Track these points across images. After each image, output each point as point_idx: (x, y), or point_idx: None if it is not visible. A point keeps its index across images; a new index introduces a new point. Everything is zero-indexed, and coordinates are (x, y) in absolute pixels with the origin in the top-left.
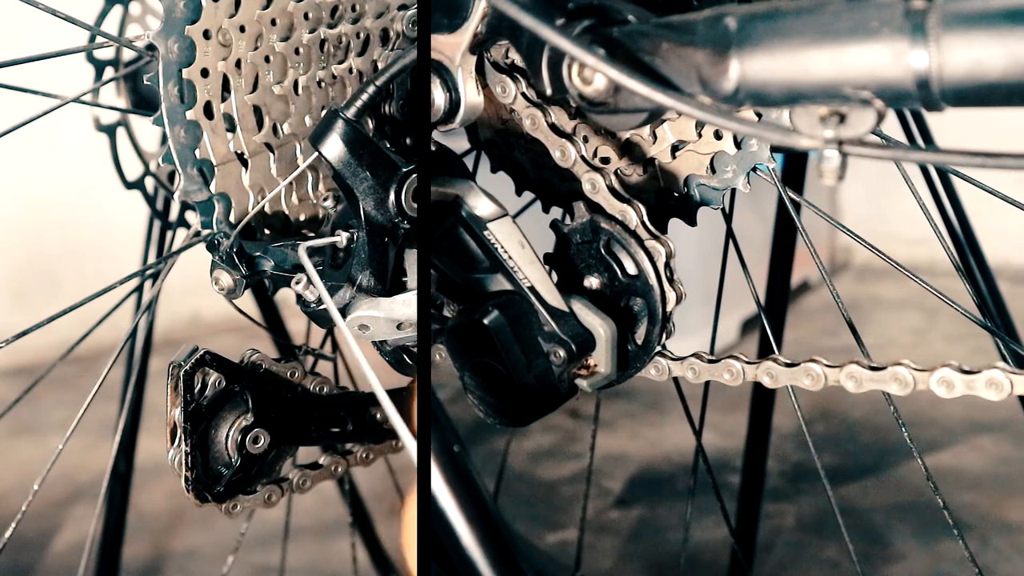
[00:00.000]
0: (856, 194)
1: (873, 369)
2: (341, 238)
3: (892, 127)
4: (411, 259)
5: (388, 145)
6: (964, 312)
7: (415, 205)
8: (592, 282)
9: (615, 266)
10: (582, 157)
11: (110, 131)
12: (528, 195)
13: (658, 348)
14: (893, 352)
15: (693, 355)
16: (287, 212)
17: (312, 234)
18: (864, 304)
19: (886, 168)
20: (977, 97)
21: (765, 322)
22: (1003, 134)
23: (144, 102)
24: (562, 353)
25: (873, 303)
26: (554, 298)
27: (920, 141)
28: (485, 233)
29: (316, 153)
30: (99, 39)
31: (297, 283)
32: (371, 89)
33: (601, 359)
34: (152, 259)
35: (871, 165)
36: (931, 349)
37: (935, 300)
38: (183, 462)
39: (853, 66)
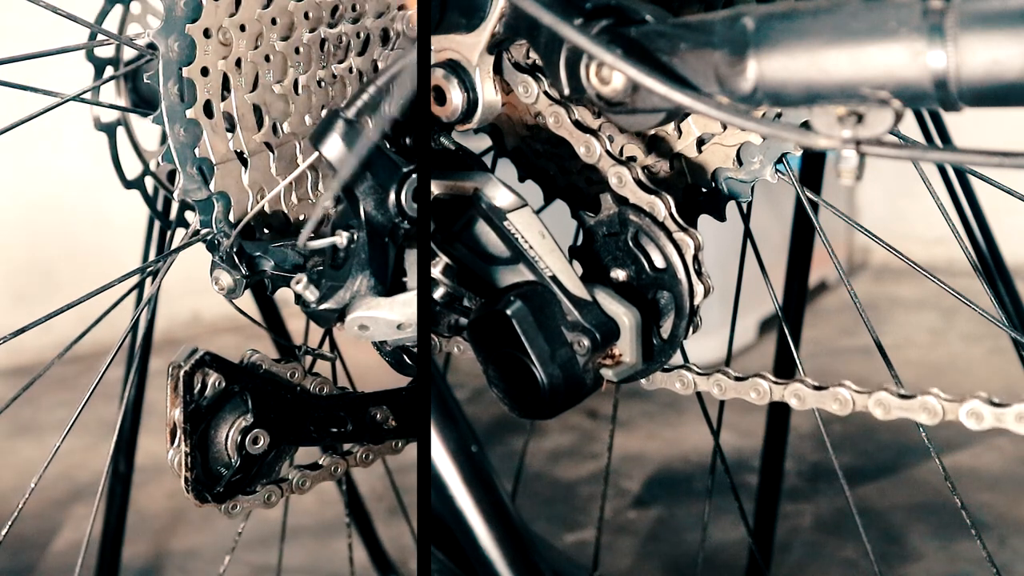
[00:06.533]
0: (874, 194)
1: (902, 397)
2: (341, 238)
3: (910, 127)
4: (411, 259)
5: (388, 145)
6: (982, 312)
7: (415, 205)
8: (619, 275)
9: (642, 259)
10: (607, 151)
11: (110, 130)
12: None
13: (684, 346)
14: (911, 352)
15: (718, 371)
16: (287, 212)
17: (312, 234)
18: (882, 304)
19: (904, 168)
20: (995, 97)
21: (783, 322)
22: (1021, 134)
23: (144, 102)
24: (586, 342)
25: (891, 303)
26: (576, 287)
27: (938, 141)
28: (505, 224)
29: (316, 153)
30: (100, 37)
31: (297, 283)
32: (371, 89)
33: (626, 348)
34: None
35: (889, 165)
36: (949, 349)
37: (953, 300)
38: (183, 463)
39: (871, 66)
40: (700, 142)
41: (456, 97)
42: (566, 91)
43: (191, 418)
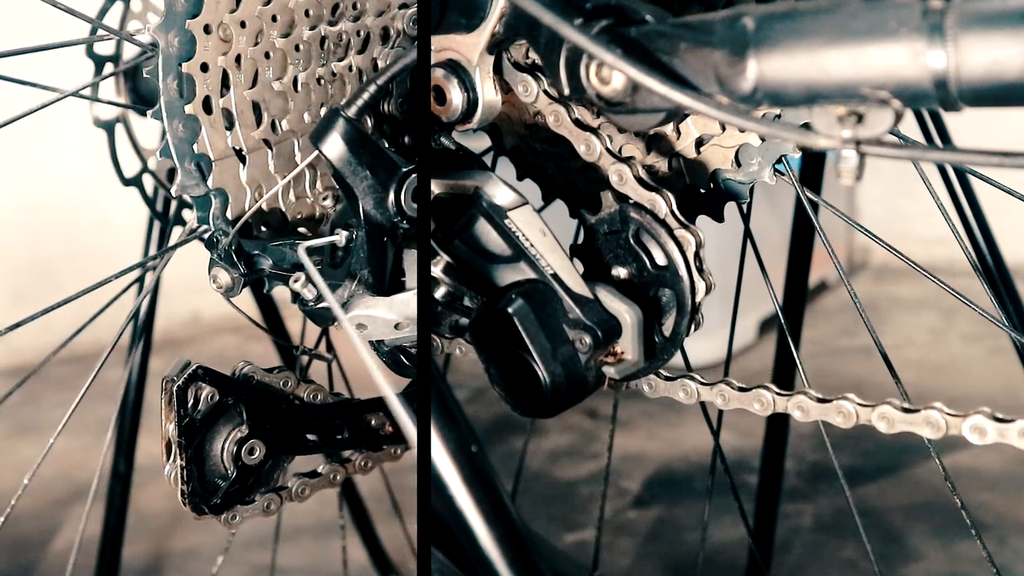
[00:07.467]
0: (874, 194)
1: (906, 411)
2: (340, 237)
3: (910, 127)
4: (410, 259)
5: (387, 144)
6: (982, 312)
7: (415, 205)
8: (620, 272)
9: (644, 256)
10: (607, 149)
11: (108, 127)
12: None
13: (684, 347)
14: (911, 352)
15: (722, 381)
16: (284, 209)
17: (309, 233)
18: (882, 304)
19: (904, 168)
20: (995, 97)
21: (783, 322)
22: (1021, 134)
23: (143, 99)
24: (588, 340)
25: (891, 303)
26: (578, 285)
27: (938, 141)
28: (506, 222)
29: (316, 151)
30: (100, 33)
31: (295, 281)
32: (372, 88)
33: (628, 346)
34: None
35: (889, 165)
36: (949, 349)
37: (953, 300)
38: (179, 476)
39: (871, 66)
40: (699, 143)
41: (456, 97)
42: (566, 91)
43: (186, 432)
